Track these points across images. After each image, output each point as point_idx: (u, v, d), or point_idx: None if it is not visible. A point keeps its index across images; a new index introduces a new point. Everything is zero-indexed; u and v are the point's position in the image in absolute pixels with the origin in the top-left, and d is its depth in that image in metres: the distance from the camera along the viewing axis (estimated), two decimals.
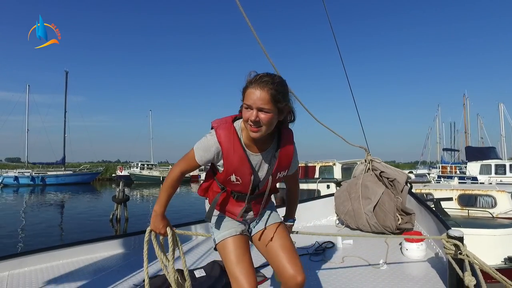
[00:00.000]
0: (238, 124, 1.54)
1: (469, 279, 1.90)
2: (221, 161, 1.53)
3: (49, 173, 41.48)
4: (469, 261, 2.12)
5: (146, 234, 1.78)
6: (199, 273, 2.73)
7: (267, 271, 2.75)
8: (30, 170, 40.57)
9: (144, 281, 2.70)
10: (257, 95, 1.38)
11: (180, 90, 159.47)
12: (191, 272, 2.72)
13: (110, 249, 3.57)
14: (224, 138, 1.49)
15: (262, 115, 1.40)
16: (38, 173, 40.47)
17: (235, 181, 1.56)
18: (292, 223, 2.01)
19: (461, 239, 2.21)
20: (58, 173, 41.65)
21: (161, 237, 1.78)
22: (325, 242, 3.57)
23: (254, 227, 1.80)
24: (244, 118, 1.44)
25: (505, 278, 2.01)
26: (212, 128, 1.54)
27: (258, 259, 2.45)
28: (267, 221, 1.78)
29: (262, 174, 1.59)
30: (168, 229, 1.71)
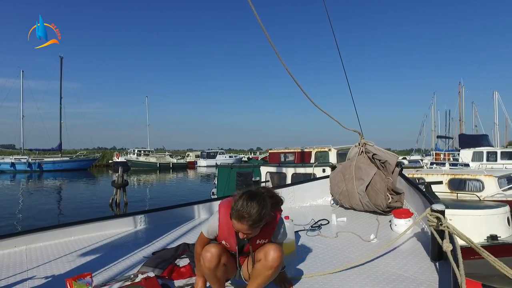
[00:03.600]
0: None
1: (447, 245, 2.15)
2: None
3: (45, 159, 41.43)
4: (449, 232, 2.38)
5: None
6: None
7: None
8: (26, 157, 40.49)
9: (153, 254, 2.96)
10: (239, 227, 1.79)
11: (177, 76, 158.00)
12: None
13: (120, 227, 3.78)
14: (222, 217, 1.94)
15: (249, 234, 1.83)
16: (35, 160, 40.41)
17: (225, 244, 1.99)
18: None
19: (442, 212, 2.45)
20: (55, 159, 41.63)
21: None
22: (320, 220, 3.83)
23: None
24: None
25: (480, 247, 2.27)
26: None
27: None
28: None
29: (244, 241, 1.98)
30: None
